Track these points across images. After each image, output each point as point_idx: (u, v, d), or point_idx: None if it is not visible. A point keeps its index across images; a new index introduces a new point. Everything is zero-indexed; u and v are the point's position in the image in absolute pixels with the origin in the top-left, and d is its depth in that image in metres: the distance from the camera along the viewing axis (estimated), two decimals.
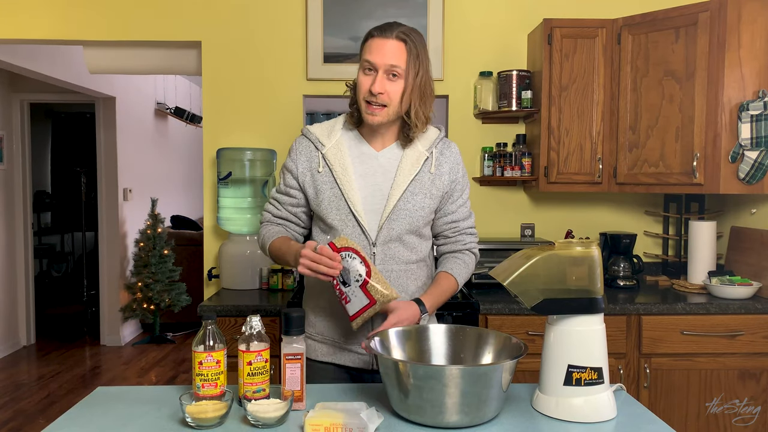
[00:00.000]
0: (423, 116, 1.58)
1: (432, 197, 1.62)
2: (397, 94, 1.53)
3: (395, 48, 1.51)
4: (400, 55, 1.51)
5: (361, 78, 1.55)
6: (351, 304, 1.46)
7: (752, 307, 2.42)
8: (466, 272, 1.69)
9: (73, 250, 7.29)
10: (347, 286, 1.45)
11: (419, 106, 1.56)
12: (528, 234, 2.96)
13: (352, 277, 1.44)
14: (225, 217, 2.82)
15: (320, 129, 1.66)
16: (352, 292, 1.45)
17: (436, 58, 2.97)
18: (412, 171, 1.59)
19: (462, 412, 1.19)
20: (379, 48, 1.52)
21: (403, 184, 1.58)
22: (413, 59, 1.52)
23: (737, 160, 2.44)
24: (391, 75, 1.52)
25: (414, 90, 1.54)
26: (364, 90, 1.54)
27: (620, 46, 2.68)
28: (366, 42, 1.56)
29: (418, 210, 1.59)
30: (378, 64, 1.51)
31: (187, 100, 7.11)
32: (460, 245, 1.70)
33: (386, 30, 1.53)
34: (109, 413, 1.30)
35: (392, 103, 1.54)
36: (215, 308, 2.44)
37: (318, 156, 1.62)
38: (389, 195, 1.58)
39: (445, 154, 1.65)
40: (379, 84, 1.51)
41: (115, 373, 4.58)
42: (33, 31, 2.97)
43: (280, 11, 2.97)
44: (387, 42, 1.51)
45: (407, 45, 1.52)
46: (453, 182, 1.65)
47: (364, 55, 1.54)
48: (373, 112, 1.54)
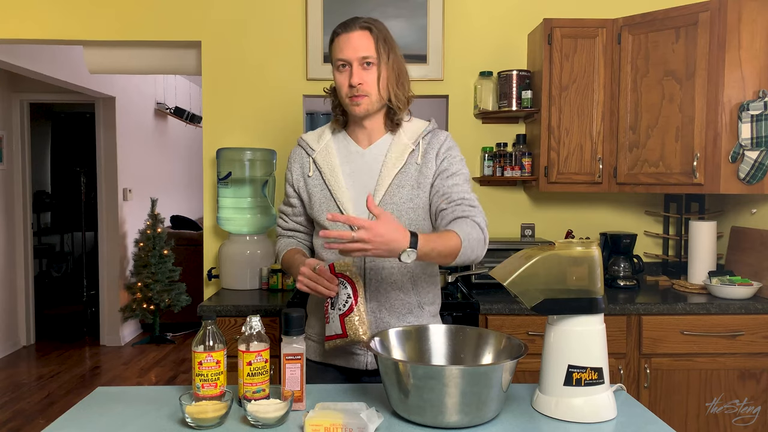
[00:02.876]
0: (403, 98, 1.59)
1: (421, 187, 1.58)
2: (374, 81, 1.55)
3: (361, 38, 1.54)
4: (368, 44, 1.54)
5: (337, 77, 1.58)
6: (329, 326, 1.50)
7: (752, 307, 2.42)
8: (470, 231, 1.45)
9: (72, 250, 7.29)
10: (332, 309, 1.49)
11: (397, 88, 1.58)
12: (528, 234, 2.96)
13: (338, 304, 1.48)
14: (225, 217, 2.82)
15: (311, 135, 1.70)
16: (333, 317, 1.49)
17: (436, 58, 2.97)
18: (398, 164, 1.58)
19: (462, 413, 1.19)
20: (346, 43, 1.54)
21: (388, 179, 1.57)
22: (381, 44, 1.55)
23: (737, 160, 2.44)
24: (365, 64, 1.54)
25: (390, 74, 1.57)
26: (345, 87, 1.56)
27: (620, 46, 2.68)
28: (333, 42, 1.58)
29: (406, 203, 1.57)
30: (350, 58, 1.54)
31: (187, 100, 7.11)
32: (459, 212, 1.52)
33: (348, 24, 1.56)
34: (109, 413, 1.30)
35: (372, 91, 1.56)
36: (215, 308, 2.44)
37: (309, 161, 1.66)
38: (375, 191, 1.58)
39: (432, 143, 1.61)
40: (356, 76, 1.53)
41: (115, 373, 4.58)
42: (33, 31, 2.97)
43: (279, 11, 2.97)
44: (352, 35, 1.54)
45: (372, 32, 1.55)
46: (441, 162, 1.58)
47: (334, 55, 1.57)
48: (357, 102, 1.56)
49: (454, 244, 1.41)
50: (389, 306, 1.59)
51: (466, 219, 1.49)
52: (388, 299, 1.58)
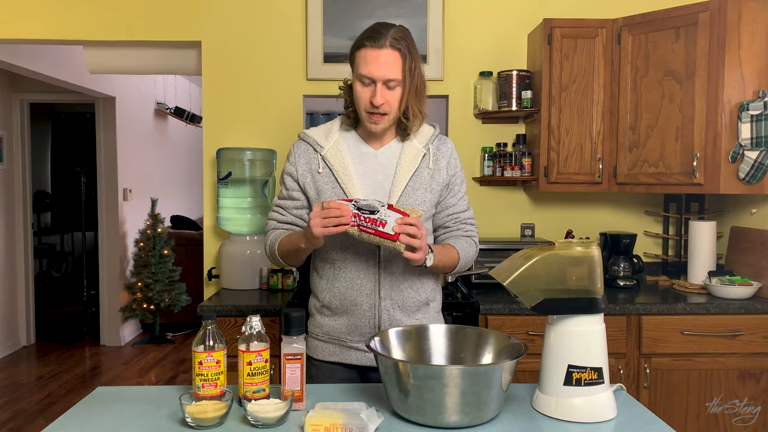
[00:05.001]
0: (419, 112, 1.61)
1: (432, 191, 1.64)
2: (396, 101, 1.55)
3: (390, 59, 1.51)
4: (396, 66, 1.51)
5: (358, 89, 1.55)
6: (388, 226, 1.43)
7: (752, 307, 2.42)
8: (468, 249, 1.68)
9: (73, 250, 7.28)
10: (376, 213, 1.43)
11: (416, 105, 1.59)
12: (528, 234, 2.96)
13: (377, 205, 1.44)
14: (225, 217, 2.82)
15: (317, 132, 1.68)
16: (383, 215, 1.43)
17: (436, 58, 2.97)
18: (411, 167, 1.61)
19: (462, 412, 1.19)
20: (374, 60, 1.51)
21: (404, 181, 1.60)
22: (408, 64, 1.53)
23: (737, 160, 2.44)
24: (390, 85, 1.53)
25: (411, 92, 1.56)
26: (365, 102, 1.55)
27: (620, 46, 2.68)
28: (358, 52, 1.55)
29: (420, 205, 1.61)
30: (376, 78, 1.51)
31: (187, 100, 7.11)
32: (461, 233, 1.71)
33: (378, 39, 1.51)
34: (109, 413, 1.30)
35: (392, 110, 1.56)
36: (215, 308, 2.44)
37: (317, 158, 1.64)
38: (390, 192, 1.59)
39: (442, 150, 1.68)
40: (379, 96, 1.52)
41: (115, 373, 4.58)
42: (33, 31, 2.97)
43: (279, 11, 2.97)
44: (381, 53, 1.51)
45: (401, 52, 1.52)
46: (452, 176, 1.68)
47: (359, 69, 1.54)
48: (376, 121, 1.56)
49: (455, 261, 1.64)
50: (402, 303, 1.61)
51: (468, 239, 1.71)
52: (401, 296, 1.61)
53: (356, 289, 1.60)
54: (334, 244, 1.61)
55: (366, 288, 1.60)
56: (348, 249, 1.60)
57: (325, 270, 1.65)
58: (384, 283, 1.60)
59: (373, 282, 1.59)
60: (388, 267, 1.60)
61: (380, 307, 1.60)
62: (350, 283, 1.60)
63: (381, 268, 1.60)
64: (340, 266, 1.62)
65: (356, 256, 1.60)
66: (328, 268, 1.64)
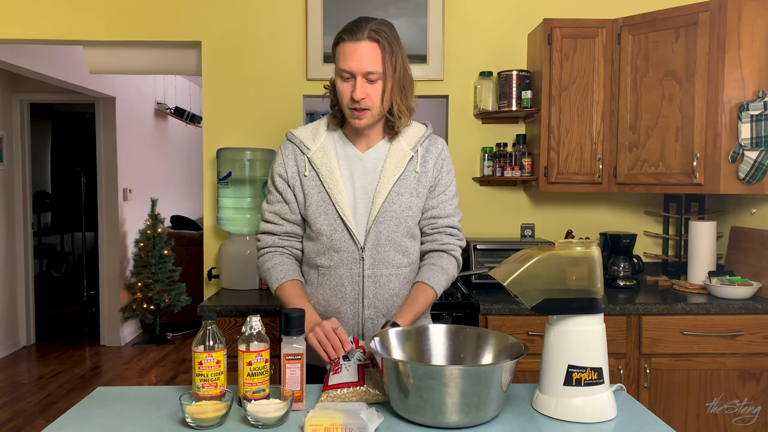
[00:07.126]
0: (405, 109, 1.56)
1: (419, 195, 1.59)
2: (378, 95, 1.51)
3: (369, 51, 1.47)
4: (375, 59, 1.48)
5: (340, 85, 1.52)
6: (338, 375, 1.37)
7: (752, 307, 2.42)
8: (444, 280, 1.61)
9: (73, 250, 7.28)
10: (347, 360, 1.40)
11: (401, 100, 1.54)
12: (528, 234, 2.96)
13: (355, 356, 1.40)
14: (225, 217, 2.82)
15: (304, 132, 1.64)
16: (347, 366, 1.39)
17: (436, 58, 2.97)
18: (396, 171, 1.57)
19: (462, 413, 1.19)
20: (352, 54, 1.47)
21: (388, 186, 1.56)
22: (388, 57, 1.49)
23: (737, 160, 2.44)
24: (370, 78, 1.49)
25: (394, 87, 1.52)
26: (346, 98, 1.51)
27: (620, 46, 2.68)
28: (337, 46, 1.52)
29: (405, 210, 1.57)
30: (354, 70, 1.48)
31: (187, 100, 7.11)
32: (437, 245, 1.64)
33: (355, 32, 1.48)
34: (109, 413, 1.30)
35: (375, 105, 1.52)
36: (215, 308, 2.44)
37: (304, 160, 1.60)
38: (374, 197, 1.56)
39: (431, 151, 1.62)
40: (359, 90, 1.48)
41: (115, 373, 4.58)
42: (33, 31, 2.97)
43: (279, 11, 2.97)
44: (359, 45, 1.47)
45: (380, 44, 1.48)
46: (436, 177, 1.62)
47: (338, 63, 1.51)
48: (358, 116, 1.52)
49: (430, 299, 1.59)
50: (386, 312, 1.58)
51: (443, 256, 1.63)
52: (385, 306, 1.58)
53: (339, 297, 1.57)
54: (318, 250, 1.59)
55: (349, 296, 1.57)
56: (332, 256, 1.57)
57: (309, 276, 1.63)
58: (368, 292, 1.57)
59: (356, 291, 1.57)
60: (372, 275, 1.57)
61: (363, 316, 1.57)
62: (334, 290, 1.58)
63: (365, 276, 1.56)
64: (324, 272, 1.59)
65: (340, 264, 1.57)
66: (312, 273, 1.62)
